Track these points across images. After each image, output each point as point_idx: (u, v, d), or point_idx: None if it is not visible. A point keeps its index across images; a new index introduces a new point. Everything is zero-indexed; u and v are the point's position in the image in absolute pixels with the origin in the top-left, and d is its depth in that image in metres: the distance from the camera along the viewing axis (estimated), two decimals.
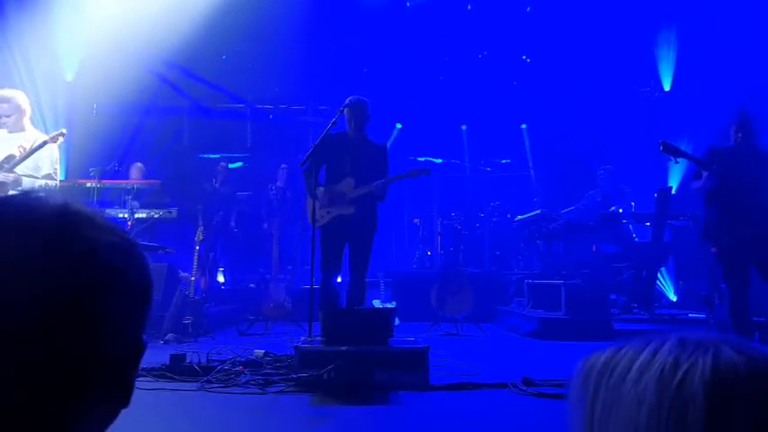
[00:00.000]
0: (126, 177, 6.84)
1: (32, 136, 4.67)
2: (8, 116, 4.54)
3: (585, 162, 8.05)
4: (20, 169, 4.54)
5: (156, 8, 7.21)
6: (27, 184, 4.53)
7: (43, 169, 4.63)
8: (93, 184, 5.78)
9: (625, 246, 6.53)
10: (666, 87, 8.47)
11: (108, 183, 6.01)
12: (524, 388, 3.49)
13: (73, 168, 7.31)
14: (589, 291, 6.05)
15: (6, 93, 4.62)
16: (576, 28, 8.48)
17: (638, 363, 0.51)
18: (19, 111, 4.60)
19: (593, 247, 6.68)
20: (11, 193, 4.44)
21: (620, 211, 6.78)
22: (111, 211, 5.93)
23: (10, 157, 4.52)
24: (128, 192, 6.03)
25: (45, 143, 4.64)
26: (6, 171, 4.47)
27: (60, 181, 5.02)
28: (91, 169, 5.88)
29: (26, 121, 4.67)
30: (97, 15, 7.07)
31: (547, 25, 8.91)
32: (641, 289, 6.12)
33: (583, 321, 5.81)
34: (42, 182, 4.61)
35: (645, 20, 8.35)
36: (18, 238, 0.52)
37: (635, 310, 6.25)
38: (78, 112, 7.68)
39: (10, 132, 4.59)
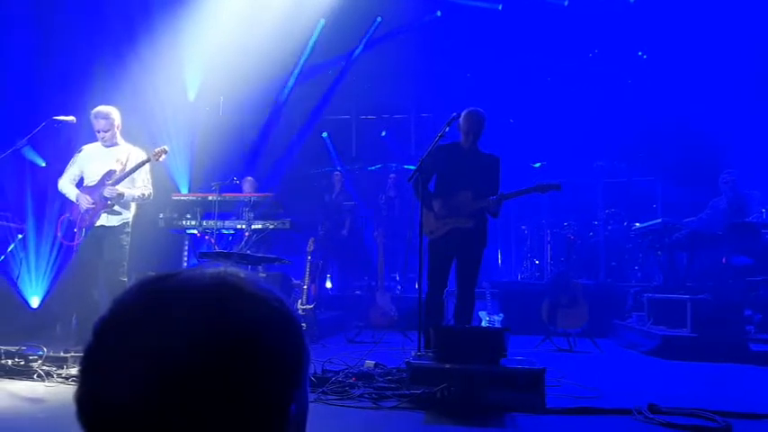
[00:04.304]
0: (242, 191, 7.26)
1: (126, 149, 4.88)
2: (106, 131, 4.78)
3: (711, 167, 7.35)
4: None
5: (267, 36, 7.64)
6: (128, 197, 4.78)
7: (137, 182, 4.86)
8: (215, 198, 6.21)
9: (762, 258, 5.91)
10: None
11: (228, 196, 6.40)
12: (650, 416, 3.26)
13: (195, 182, 7.88)
14: (719, 307, 5.53)
15: (103, 109, 4.83)
16: (700, 17, 7.77)
17: None
18: (114, 126, 4.82)
19: (723, 259, 6.11)
20: (116, 208, 4.76)
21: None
22: (230, 223, 6.34)
23: (111, 173, 4.77)
24: (245, 204, 6.40)
25: (148, 160, 4.84)
26: (110, 186, 4.71)
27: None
28: (213, 183, 6.30)
29: (119, 136, 4.90)
30: (216, 42, 7.61)
31: (665, 15, 8.27)
32: None
33: (712, 340, 5.34)
34: (138, 193, 4.84)
35: None
36: (178, 304, 0.56)
37: None
38: (199, 129, 8.25)
39: (106, 146, 4.85)
